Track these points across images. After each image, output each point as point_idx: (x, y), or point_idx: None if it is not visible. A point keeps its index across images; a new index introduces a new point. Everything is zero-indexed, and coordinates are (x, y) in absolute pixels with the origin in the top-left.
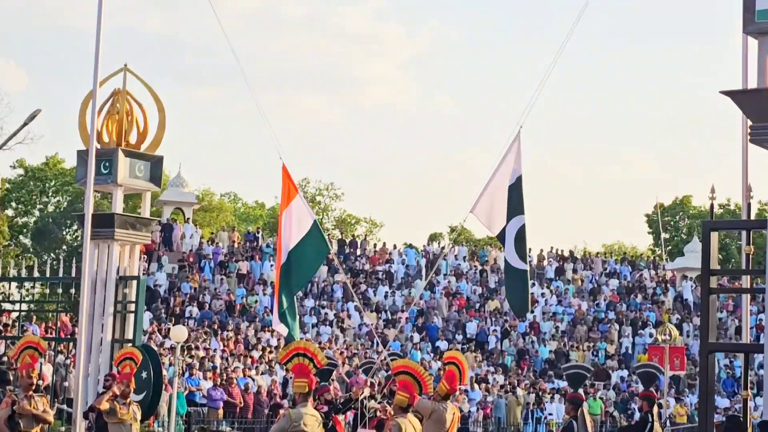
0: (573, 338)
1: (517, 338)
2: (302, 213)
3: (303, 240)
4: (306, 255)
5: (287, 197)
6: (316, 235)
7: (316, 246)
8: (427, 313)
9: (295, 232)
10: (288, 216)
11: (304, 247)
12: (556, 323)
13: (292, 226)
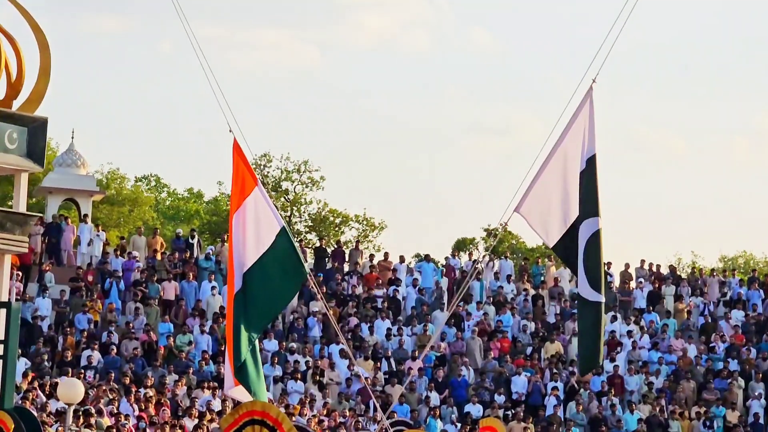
0: (675, 400)
1: (589, 400)
2: (263, 215)
3: (265, 256)
4: (270, 279)
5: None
6: (284, 249)
7: (283, 266)
8: (452, 362)
9: (253, 244)
10: (241, 219)
11: (266, 268)
12: (649, 377)
13: (248, 235)
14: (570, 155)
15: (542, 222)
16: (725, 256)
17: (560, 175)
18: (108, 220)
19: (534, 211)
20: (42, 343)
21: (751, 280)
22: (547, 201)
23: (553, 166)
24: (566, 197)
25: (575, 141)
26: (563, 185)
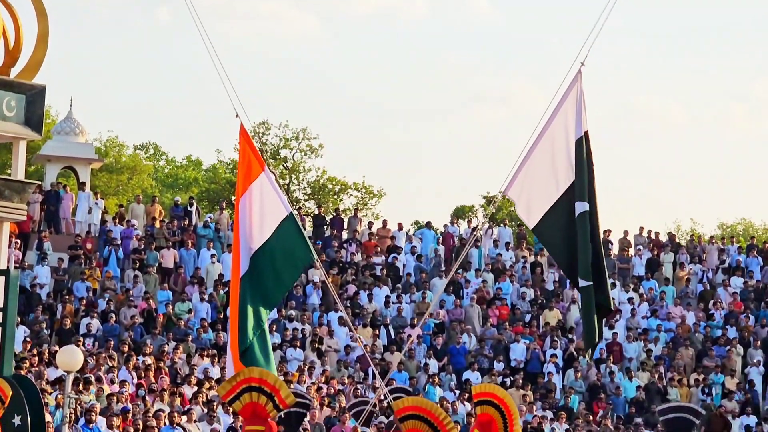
0: (673, 368)
1: (587, 367)
2: (270, 200)
3: (271, 239)
4: (276, 261)
5: (247, 175)
6: (290, 232)
7: (290, 248)
8: (451, 330)
9: (259, 228)
10: (248, 203)
11: (274, 251)
12: (648, 345)
13: (254, 219)
14: (557, 138)
15: (527, 204)
16: (724, 224)
17: (548, 159)
18: (107, 188)
19: (520, 193)
20: (41, 310)
21: (749, 247)
22: (534, 184)
23: (540, 150)
24: (552, 180)
25: (563, 124)
26: (550, 168)
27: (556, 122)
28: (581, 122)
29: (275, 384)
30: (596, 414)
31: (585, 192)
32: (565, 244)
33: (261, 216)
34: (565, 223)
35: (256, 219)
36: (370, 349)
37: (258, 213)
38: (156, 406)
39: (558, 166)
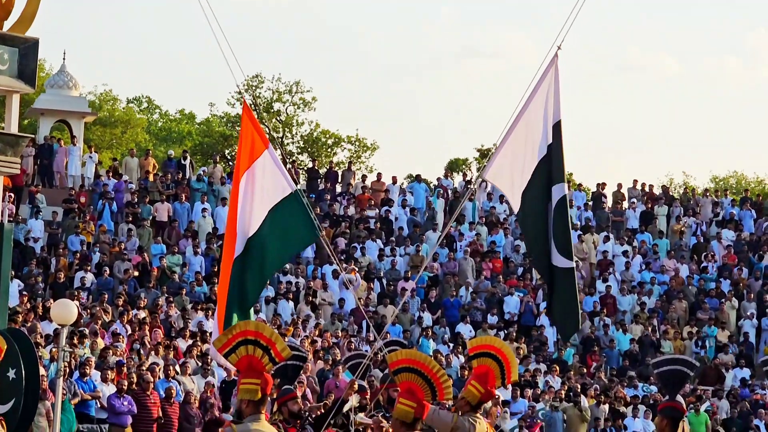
0: (667, 320)
1: (582, 320)
2: (274, 178)
3: (270, 218)
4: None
5: (250, 153)
6: (294, 210)
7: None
8: (445, 283)
9: (259, 209)
10: (249, 182)
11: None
12: (642, 297)
13: (255, 199)
14: (534, 123)
15: (510, 187)
16: (716, 177)
17: (525, 143)
18: (100, 142)
19: (503, 176)
20: (35, 264)
21: (743, 200)
22: (512, 169)
23: (517, 134)
24: (528, 165)
25: (539, 109)
26: (528, 153)
27: (532, 107)
28: (558, 108)
29: (271, 337)
30: (590, 367)
31: (563, 175)
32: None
33: (264, 195)
34: (538, 204)
35: (258, 199)
36: (365, 302)
37: (260, 192)
38: (150, 359)
39: (534, 148)
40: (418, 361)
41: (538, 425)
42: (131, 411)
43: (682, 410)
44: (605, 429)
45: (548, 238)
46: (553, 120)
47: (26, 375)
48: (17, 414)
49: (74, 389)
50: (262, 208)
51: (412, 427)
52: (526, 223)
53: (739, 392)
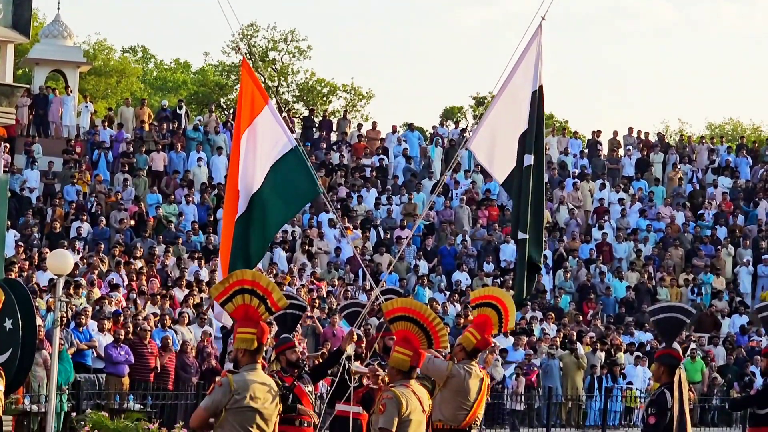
0: (663, 268)
1: (578, 268)
2: (274, 134)
3: (272, 175)
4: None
5: (251, 110)
6: (295, 166)
7: (293, 182)
8: (440, 231)
9: (261, 165)
10: (251, 139)
11: (275, 187)
12: (638, 245)
13: (257, 155)
14: (519, 92)
15: (490, 159)
16: (712, 124)
17: (509, 113)
18: (95, 92)
19: (482, 147)
20: (30, 215)
21: (739, 147)
22: (496, 138)
23: (502, 103)
24: (514, 135)
25: (524, 78)
26: (512, 123)
27: (516, 76)
28: (538, 76)
29: (268, 287)
30: (586, 314)
31: (533, 145)
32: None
33: (264, 152)
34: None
35: (260, 155)
36: (361, 251)
37: (261, 149)
38: (147, 309)
39: (516, 118)
40: (414, 310)
41: (534, 373)
42: (128, 360)
43: (678, 357)
44: (601, 376)
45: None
46: (532, 88)
47: (23, 325)
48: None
49: (71, 339)
50: (264, 164)
51: (408, 375)
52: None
53: (735, 339)
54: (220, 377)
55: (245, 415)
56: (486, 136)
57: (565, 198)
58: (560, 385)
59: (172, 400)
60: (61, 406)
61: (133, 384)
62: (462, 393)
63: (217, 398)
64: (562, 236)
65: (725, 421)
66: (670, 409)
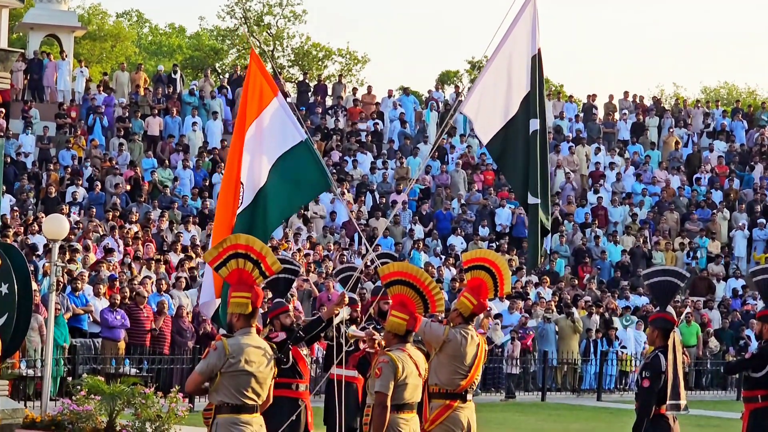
0: (658, 232)
1: (573, 232)
2: (283, 126)
3: (281, 163)
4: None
5: (259, 102)
6: (304, 159)
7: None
8: (436, 195)
9: (269, 157)
10: (258, 132)
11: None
12: (633, 209)
13: (264, 148)
14: (513, 56)
15: (482, 122)
16: (707, 88)
17: (503, 76)
18: (90, 56)
19: (476, 110)
20: (26, 179)
21: (734, 110)
22: (490, 102)
23: (495, 67)
24: (507, 98)
25: (517, 42)
26: (506, 86)
27: (510, 40)
28: (535, 40)
29: (262, 251)
30: (581, 278)
31: (537, 109)
32: (518, 160)
33: (272, 145)
34: (519, 139)
35: (266, 148)
36: (357, 215)
37: (269, 141)
38: (143, 273)
39: (513, 83)
40: (410, 274)
41: (530, 336)
42: (124, 325)
43: (672, 321)
44: (597, 340)
45: (527, 173)
46: (531, 52)
47: (19, 290)
48: (10, 329)
49: (67, 304)
50: (271, 157)
51: (404, 339)
52: (506, 158)
53: (730, 303)
54: (215, 341)
55: (240, 379)
56: (480, 102)
57: (562, 162)
58: (556, 349)
59: (168, 365)
60: (57, 371)
61: (129, 348)
62: (458, 357)
63: (212, 362)
64: (558, 200)
65: (720, 385)
66: (664, 372)
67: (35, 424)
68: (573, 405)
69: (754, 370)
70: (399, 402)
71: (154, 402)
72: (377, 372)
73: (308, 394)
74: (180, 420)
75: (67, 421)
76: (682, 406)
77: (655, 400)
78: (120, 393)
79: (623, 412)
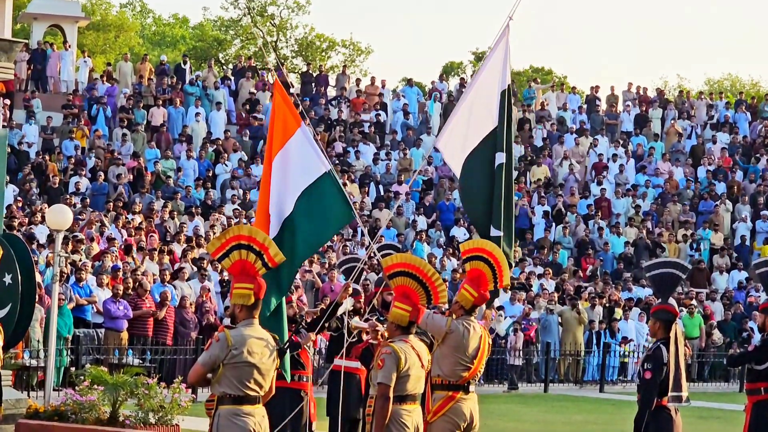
0: (661, 223)
1: (576, 223)
2: (307, 157)
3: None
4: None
5: (283, 132)
6: (328, 190)
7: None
8: (439, 186)
9: (293, 190)
10: (283, 163)
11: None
12: (636, 201)
13: (290, 179)
14: (483, 89)
15: (452, 154)
16: (711, 79)
17: (473, 110)
18: (94, 47)
19: (449, 145)
20: (29, 169)
21: (738, 102)
22: (459, 134)
23: (468, 102)
24: (474, 130)
25: (490, 76)
26: (474, 119)
27: (484, 75)
28: (506, 75)
29: (264, 242)
30: (584, 270)
31: (504, 143)
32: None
33: (296, 177)
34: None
35: (292, 179)
36: (360, 206)
37: (293, 172)
38: (146, 264)
39: (481, 115)
40: (413, 265)
41: (533, 328)
42: (127, 315)
43: (674, 313)
44: (600, 332)
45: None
46: (500, 87)
47: (22, 280)
48: (13, 319)
49: (70, 294)
50: (295, 188)
51: (407, 330)
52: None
53: (732, 295)
54: (218, 332)
55: (243, 370)
56: (451, 135)
57: (568, 153)
58: (558, 341)
59: (171, 355)
60: (60, 361)
61: (132, 339)
62: (461, 349)
63: (215, 353)
64: (561, 192)
65: (723, 377)
66: (666, 364)
67: (38, 414)
68: (575, 396)
69: (756, 363)
70: (401, 393)
71: (157, 392)
72: (380, 363)
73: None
74: (183, 410)
75: (70, 411)
76: (684, 398)
77: (657, 391)
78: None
79: (625, 403)
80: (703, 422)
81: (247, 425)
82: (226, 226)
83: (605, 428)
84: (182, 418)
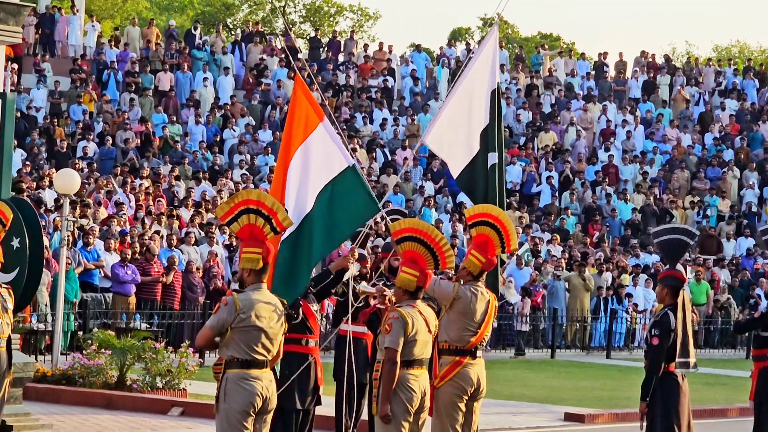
0: (669, 190)
1: (583, 189)
2: (329, 152)
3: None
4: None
5: (304, 127)
6: (351, 185)
7: (351, 202)
8: None
9: (315, 184)
10: (304, 158)
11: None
12: (644, 167)
13: (312, 176)
14: (476, 89)
15: (447, 152)
16: (719, 46)
17: (465, 108)
18: (101, 11)
19: (439, 141)
20: (37, 134)
21: (746, 69)
22: (453, 134)
23: (458, 98)
24: (470, 130)
25: (481, 76)
26: (468, 118)
27: (472, 72)
28: (495, 75)
29: (273, 207)
30: (592, 236)
31: (495, 143)
32: (480, 194)
33: (318, 172)
34: (481, 174)
35: (314, 175)
36: (368, 171)
37: (315, 168)
38: (153, 228)
39: (473, 117)
40: (421, 230)
41: (540, 294)
42: (135, 280)
43: (682, 279)
44: (607, 298)
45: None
46: (490, 87)
47: (30, 244)
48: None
49: (78, 258)
50: (317, 184)
51: (415, 295)
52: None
53: (740, 262)
54: (226, 296)
55: (250, 334)
56: (442, 130)
57: (576, 120)
58: (565, 307)
59: (179, 320)
60: (68, 325)
61: (139, 303)
62: (468, 314)
63: (223, 317)
64: (569, 158)
65: (729, 343)
66: (673, 330)
67: (46, 378)
68: (582, 362)
69: (763, 329)
70: (408, 358)
71: (165, 357)
72: (387, 328)
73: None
74: (190, 375)
75: (77, 375)
76: (691, 364)
77: (664, 357)
78: (130, 348)
79: (632, 369)
80: (710, 389)
81: (255, 389)
82: (233, 191)
83: (612, 394)
84: (189, 382)
